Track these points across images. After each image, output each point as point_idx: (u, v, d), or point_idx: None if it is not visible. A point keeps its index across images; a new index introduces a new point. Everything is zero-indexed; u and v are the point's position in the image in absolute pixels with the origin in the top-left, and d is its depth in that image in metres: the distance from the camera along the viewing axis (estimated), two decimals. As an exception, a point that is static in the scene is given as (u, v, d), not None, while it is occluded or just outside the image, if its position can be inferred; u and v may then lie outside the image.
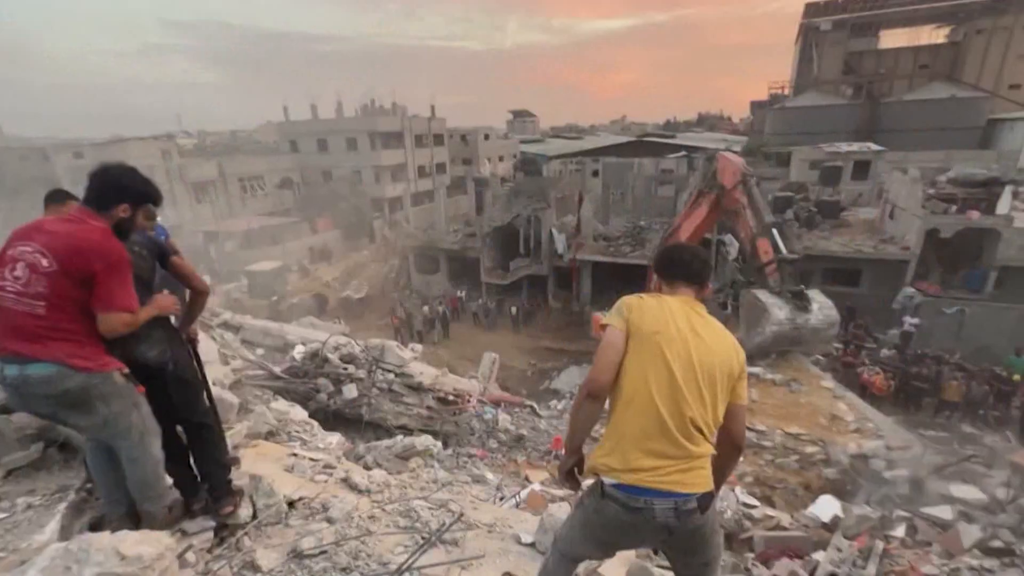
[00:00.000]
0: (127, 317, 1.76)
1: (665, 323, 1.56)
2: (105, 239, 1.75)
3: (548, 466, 6.37)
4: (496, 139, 45.84)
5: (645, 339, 1.54)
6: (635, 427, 1.51)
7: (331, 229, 28.94)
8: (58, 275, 1.68)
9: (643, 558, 2.82)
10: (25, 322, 1.68)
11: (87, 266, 1.69)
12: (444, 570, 2.19)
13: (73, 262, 1.69)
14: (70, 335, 1.72)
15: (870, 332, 14.84)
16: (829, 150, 23.65)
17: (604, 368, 1.55)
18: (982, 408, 11.07)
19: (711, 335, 1.59)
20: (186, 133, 61.89)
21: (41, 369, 1.69)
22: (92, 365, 1.75)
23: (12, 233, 1.81)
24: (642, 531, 1.56)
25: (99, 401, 1.79)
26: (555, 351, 17.55)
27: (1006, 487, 5.64)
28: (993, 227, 14.41)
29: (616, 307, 1.65)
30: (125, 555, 1.15)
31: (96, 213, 1.80)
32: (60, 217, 1.84)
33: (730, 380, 1.57)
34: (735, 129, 65.78)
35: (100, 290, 1.71)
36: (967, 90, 32.23)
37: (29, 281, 1.68)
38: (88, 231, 1.75)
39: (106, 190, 1.82)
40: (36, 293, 1.68)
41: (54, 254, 1.69)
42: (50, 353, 1.69)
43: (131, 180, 1.87)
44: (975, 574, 4.35)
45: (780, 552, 3.53)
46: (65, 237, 1.72)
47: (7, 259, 1.72)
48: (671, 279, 1.74)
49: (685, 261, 1.73)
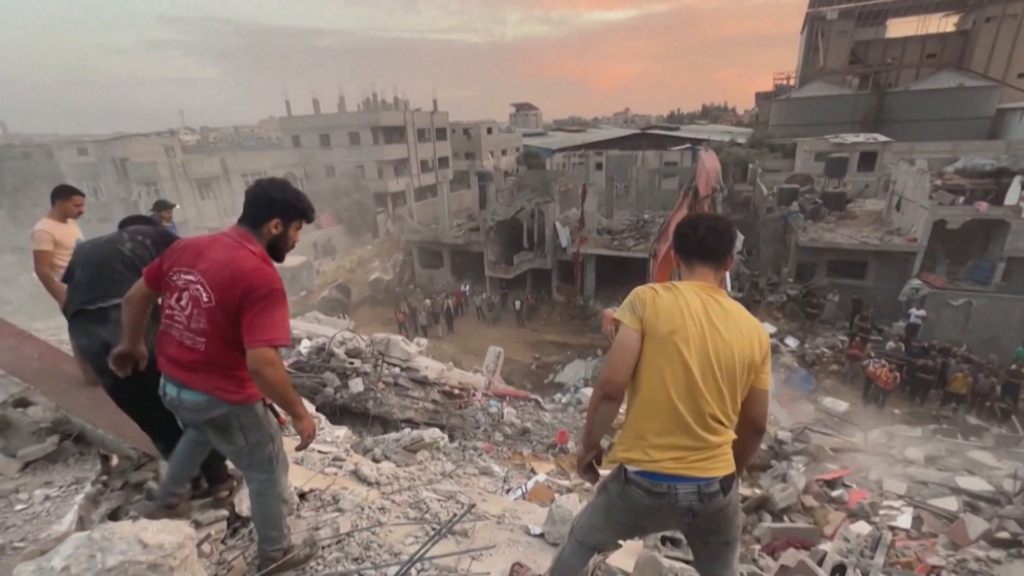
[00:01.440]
0: (271, 354, 1.66)
1: (682, 320, 1.49)
2: (257, 267, 1.72)
3: (554, 459, 6.40)
4: (499, 133, 45.67)
5: (661, 339, 1.48)
6: (655, 424, 1.51)
7: (335, 224, 29.01)
8: (215, 311, 1.70)
9: (651, 548, 2.84)
10: (185, 354, 1.76)
11: (236, 297, 1.68)
12: (454, 560, 2.21)
13: (227, 295, 1.69)
14: (221, 368, 1.77)
15: (875, 324, 14.78)
16: (835, 141, 23.44)
17: (619, 370, 1.52)
18: (989, 400, 11.03)
19: (730, 326, 1.51)
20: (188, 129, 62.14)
21: (193, 396, 1.78)
22: (237, 397, 1.80)
23: (175, 251, 1.82)
24: (666, 514, 1.57)
25: (238, 431, 1.85)
26: (559, 345, 17.57)
27: (1013, 478, 5.62)
28: (1002, 218, 14.28)
29: (629, 302, 1.57)
30: (147, 544, 1.17)
31: (250, 233, 1.79)
32: (217, 241, 1.80)
33: (751, 370, 1.54)
34: (739, 121, 65.28)
35: (246, 322, 1.67)
36: (976, 79, 31.80)
37: (191, 315, 1.73)
38: (241, 258, 1.72)
39: (258, 206, 1.80)
40: (198, 329, 1.73)
41: (212, 288, 1.70)
42: (201, 384, 1.77)
43: (281, 193, 1.82)
44: (981, 565, 4.35)
45: (786, 543, 3.54)
46: (221, 267, 1.71)
47: (175, 287, 1.77)
48: (687, 258, 1.64)
49: (700, 237, 1.60)
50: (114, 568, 1.12)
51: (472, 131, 41.59)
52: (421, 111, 36.41)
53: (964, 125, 29.74)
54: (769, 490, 5.59)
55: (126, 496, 2.44)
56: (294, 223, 1.85)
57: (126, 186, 27.26)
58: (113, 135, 31.13)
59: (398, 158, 33.97)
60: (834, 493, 6.04)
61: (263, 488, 1.96)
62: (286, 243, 1.87)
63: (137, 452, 2.60)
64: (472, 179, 24.75)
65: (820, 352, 14.15)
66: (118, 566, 1.12)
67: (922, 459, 6.90)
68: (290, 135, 35.44)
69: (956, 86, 31.14)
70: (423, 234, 22.27)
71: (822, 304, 15.84)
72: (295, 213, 1.84)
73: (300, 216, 1.86)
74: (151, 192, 26.61)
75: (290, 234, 1.86)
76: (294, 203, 1.83)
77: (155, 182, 26.16)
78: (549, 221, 19.62)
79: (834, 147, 23.13)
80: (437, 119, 37.51)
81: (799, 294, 16.62)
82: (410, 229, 22.78)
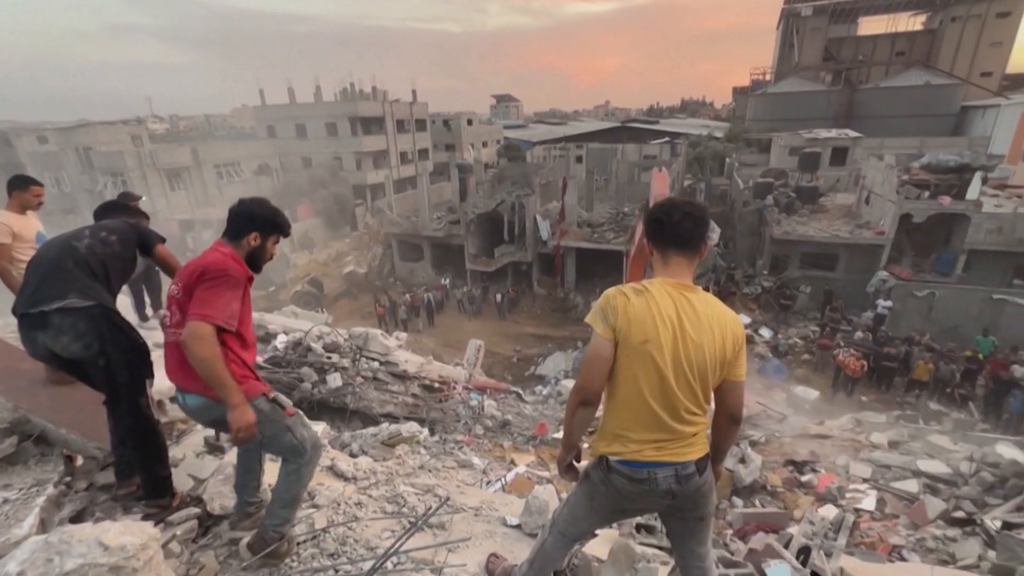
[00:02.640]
0: (204, 329, 1.70)
1: (654, 328, 1.50)
2: (219, 258, 1.83)
3: (534, 450, 6.46)
4: (479, 124, 45.36)
5: (635, 348, 1.51)
6: (632, 423, 1.56)
7: (312, 217, 28.44)
8: (183, 299, 1.81)
9: (626, 536, 2.90)
10: (174, 352, 1.84)
11: (194, 281, 1.78)
12: (431, 553, 2.22)
13: (189, 281, 1.80)
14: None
15: (845, 315, 15.27)
16: (808, 136, 23.98)
17: (595, 378, 1.56)
18: (949, 386, 11.53)
19: (702, 327, 1.53)
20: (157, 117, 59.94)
21: (194, 400, 1.86)
22: None
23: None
24: (647, 498, 1.64)
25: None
26: (540, 337, 17.66)
27: (969, 461, 5.90)
28: (963, 212, 14.86)
29: (600, 309, 1.57)
30: (108, 545, 1.14)
31: (228, 242, 1.92)
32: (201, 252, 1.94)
33: (723, 366, 1.57)
34: (717, 115, 66.16)
35: (195, 299, 1.77)
36: (942, 77, 32.87)
37: (172, 312, 1.87)
38: (207, 255, 1.86)
39: (238, 220, 1.94)
40: (176, 322, 1.84)
41: (181, 280, 1.84)
42: (195, 386, 1.81)
43: (260, 210, 1.96)
44: (938, 543, 4.56)
45: (757, 527, 3.67)
46: (189, 265, 1.85)
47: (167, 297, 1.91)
48: (662, 247, 1.62)
49: (675, 223, 1.58)
50: (73, 571, 1.09)
51: (452, 122, 41.20)
52: (400, 101, 35.87)
53: (930, 122, 30.77)
54: (733, 470, 5.80)
55: (91, 497, 2.37)
56: (271, 237, 1.99)
57: (91, 176, 26.19)
58: (76, 123, 29.81)
59: (377, 149, 33.44)
60: (803, 478, 6.26)
61: (291, 471, 2.01)
62: (264, 255, 2.00)
63: (103, 452, 2.52)
64: (452, 171, 24.53)
65: (793, 342, 14.57)
66: (77, 569, 1.09)
67: (886, 444, 7.18)
68: (265, 125, 34.52)
69: (923, 84, 32.14)
70: (403, 227, 22.04)
71: (795, 296, 16.28)
72: (272, 228, 1.98)
73: (277, 231, 2.00)
74: (118, 183, 25.63)
75: (268, 247, 2.00)
76: (272, 219, 1.97)
77: (122, 172, 25.20)
78: (530, 214, 19.62)
79: (807, 142, 23.67)
80: (417, 110, 37.01)
81: (773, 286, 17.05)
82: (390, 222, 22.52)
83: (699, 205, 1.64)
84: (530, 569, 1.95)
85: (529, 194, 20.09)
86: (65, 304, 2.03)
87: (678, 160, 27.60)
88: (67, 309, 2.04)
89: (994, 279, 14.55)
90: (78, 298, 2.07)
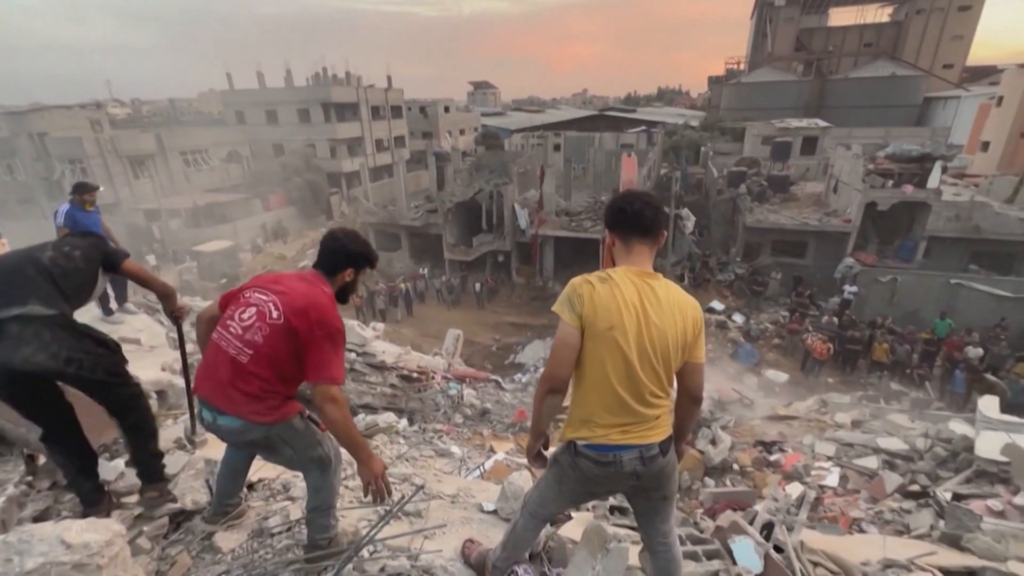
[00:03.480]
0: (334, 391, 1.77)
1: (619, 315, 1.55)
2: (331, 307, 1.85)
3: (513, 437, 6.53)
4: (456, 112, 44.77)
5: (601, 334, 1.56)
6: (599, 408, 1.61)
7: (285, 206, 27.76)
8: (280, 329, 1.75)
9: (600, 518, 2.98)
10: (224, 370, 1.77)
11: (307, 325, 1.75)
12: (407, 540, 2.24)
13: (298, 319, 1.76)
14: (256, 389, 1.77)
15: (814, 300, 15.78)
16: (780, 126, 24.48)
17: (562, 365, 1.60)
18: (908, 367, 12.08)
19: (664, 313, 1.58)
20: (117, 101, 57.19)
21: (229, 422, 1.81)
22: (271, 419, 1.82)
23: (256, 278, 1.94)
24: (613, 480, 1.70)
25: (283, 445, 1.90)
26: (519, 326, 17.74)
27: (924, 437, 6.23)
28: (925, 200, 15.45)
29: (567, 297, 1.61)
30: (71, 543, 1.12)
31: (326, 278, 1.92)
32: (299, 276, 1.92)
33: (684, 349, 1.63)
34: (693, 104, 66.78)
35: (314, 356, 1.76)
36: (906, 69, 33.83)
37: (250, 327, 1.77)
38: (318, 294, 1.84)
39: (334, 257, 1.93)
40: (250, 341, 1.76)
41: (284, 308, 1.77)
42: (235, 410, 1.78)
43: (355, 246, 1.97)
44: (895, 515, 4.83)
45: (725, 506, 3.82)
46: (299, 295, 1.80)
47: (244, 302, 1.83)
48: (625, 235, 1.67)
49: (636, 211, 1.63)
50: (34, 570, 1.06)
51: (429, 109, 40.55)
52: (375, 87, 35.07)
53: (896, 112, 31.73)
54: (704, 451, 6.00)
55: (55, 496, 2.31)
56: (363, 271, 2.03)
57: (47, 164, 24.94)
58: (29, 106, 28.24)
59: (351, 137, 32.71)
60: (772, 458, 6.52)
61: (320, 483, 2.01)
62: (355, 289, 2.05)
63: (66, 450, 2.45)
64: (430, 159, 24.21)
65: (764, 327, 15.00)
66: (38, 568, 1.07)
67: (849, 423, 7.51)
68: (233, 110, 33.32)
69: (889, 75, 33.06)
70: (380, 216, 21.71)
71: (766, 282, 16.73)
72: (366, 263, 2.01)
73: (370, 266, 2.04)
74: (76, 170, 24.47)
75: (359, 280, 2.04)
76: (367, 254, 2.00)
77: (81, 159, 24.04)
78: (508, 203, 19.57)
79: (779, 132, 24.16)
80: (392, 96, 36.26)
81: (746, 273, 17.48)
82: (366, 211, 22.14)
83: (656, 198, 1.70)
84: (503, 551, 2.00)
85: (507, 183, 20.01)
86: (25, 311, 1.87)
87: (654, 149, 27.83)
88: (27, 317, 1.87)
89: (952, 265, 15.23)
90: (40, 305, 1.91)
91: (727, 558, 2.32)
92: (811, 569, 2.31)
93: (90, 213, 4.61)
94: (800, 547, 2.44)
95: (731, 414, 7.95)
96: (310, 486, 2.03)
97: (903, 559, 2.59)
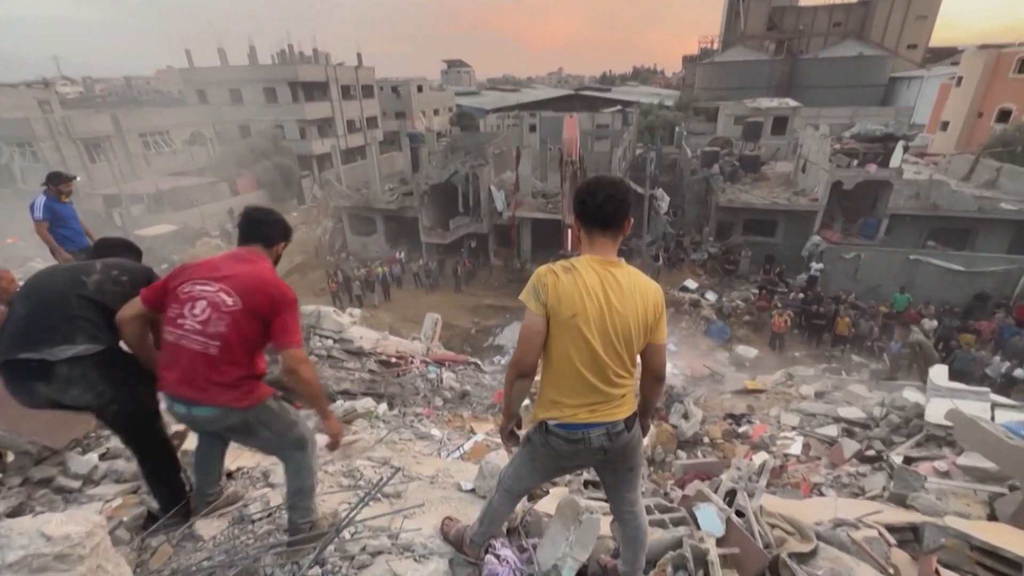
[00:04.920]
0: (302, 353, 1.90)
1: (582, 303, 1.62)
2: (278, 279, 1.93)
3: (493, 419, 6.66)
4: (430, 91, 43.76)
5: (565, 322, 1.63)
6: (567, 390, 1.70)
7: (254, 189, 26.89)
8: (241, 313, 1.80)
9: (575, 492, 3.11)
10: (195, 365, 1.78)
11: (268, 303, 1.83)
12: (387, 520, 2.32)
13: (255, 299, 1.82)
14: (232, 378, 1.82)
15: (783, 278, 16.30)
16: (752, 106, 24.79)
17: (530, 351, 1.68)
18: (869, 340, 12.69)
19: (626, 299, 1.65)
20: (67, 79, 53.91)
21: (205, 411, 1.83)
22: (248, 402, 1.86)
23: (185, 269, 1.89)
24: (582, 455, 1.81)
25: (260, 427, 1.94)
26: (498, 308, 17.84)
27: (880, 406, 6.61)
28: (887, 179, 16.00)
29: (532, 287, 1.67)
30: (51, 536, 1.13)
31: (264, 252, 2.00)
32: (235, 257, 1.94)
33: (646, 332, 1.72)
34: (668, 83, 66.84)
35: (278, 326, 1.85)
36: (873, 49, 34.52)
37: (209, 320, 1.78)
38: (263, 271, 1.91)
39: (273, 228, 2.03)
40: (214, 333, 1.78)
41: (238, 293, 1.81)
42: (212, 399, 1.81)
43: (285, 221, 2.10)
44: (852, 478, 5.16)
45: (694, 476, 4.02)
46: (246, 278, 1.85)
47: (186, 297, 1.81)
48: (587, 227, 1.72)
49: (598, 205, 1.67)
50: (16, 563, 1.08)
51: (402, 89, 39.54)
52: (345, 66, 33.92)
53: (862, 92, 32.48)
54: (677, 425, 6.24)
55: (28, 492, 2.29)
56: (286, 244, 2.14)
57: (-7, 147, 23.51)
58: (-31, 85, 26.43)
59: (321, 117, 31.72)
60: (740, 430, 6.83)
61: (299, 464, 2.06)
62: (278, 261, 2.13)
63: (36, 446, 2.43)
64: (404, 141, 23.71)
65: (735, 305, 15.47)
66: (20, 560, 1.09)
67: (813, 395, 7.90)
68: (194, 89, 31.85)
69: (856, 55, 33.71)
70: (353, 199, 21.27)
71: (738, 260, 17.18)
72: (290, 234, 2.13)
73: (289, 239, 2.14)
74: (25, 154, 23.16)
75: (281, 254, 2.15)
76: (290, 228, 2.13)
77: (31, 142, 22.74)
78: (484, 185, 19.42)
79: (751, 111, 24.48)
80: (363, 75, 35.18)
81: (719, 252, 17.89)
82: (339, 194, 21.65)
83: (622, 185, 1.71)
84: (480, 526, 2.09)
85: (483, 164, 19.82)
86: (77, 352, 1.81)
87: (630, 129, 27.88)
88: (78, 358, 1.81)
89: (912, 241, 15.91)
90: (89, 343, 1.85)
91: (692, 524, 2.47)
92: (769, 531, 2.49)
93: (67, 205, 4.42)
94: (760, 511, 2.61)
95: (703, 389, 8.26)
96: (289, 469, 2.07)
97: (852, 518, 2.80)
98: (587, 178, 1.81)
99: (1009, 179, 16.71)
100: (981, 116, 24.67)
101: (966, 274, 14.02)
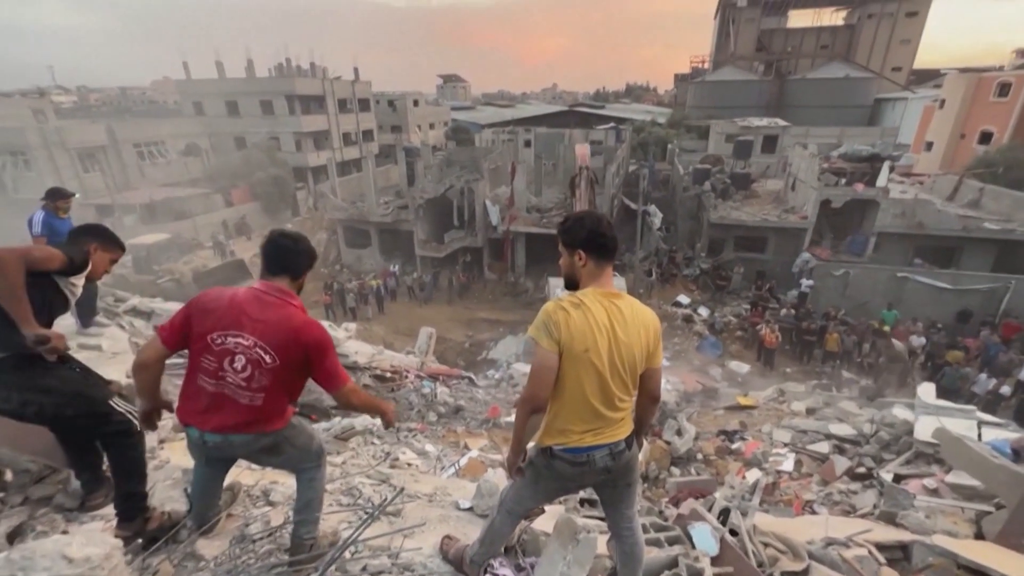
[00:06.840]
0: (351, 384, 1.97)
1: (593, 338, 1.70)
2: (308, 322, 1.89)
3: (487, 433, 6.66)
4: (426, 105, 44.25)
5: (578, 356, 1.70)
6: (575, 418, 1.78)
7: (248, 201, 26.87)
8: (280, 369, 1.82)
9: (571, 511, 3.15)
10: (239, 409, 1.83)
11: (303, 354, 1.84)
12: (387, 540, 2.34)
13: (290, 353, 1.82)
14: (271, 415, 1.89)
15: (774, 294, 16.50)
16: (742, 124, 25.30)
17: (543, 387, 1.73)
18: (858, 356, 12.84)
19: (630, 329, 1.75)
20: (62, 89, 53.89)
21: (242, 438, 1.89)
22: (279, 425, 1.94)
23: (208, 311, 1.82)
24: (586, 476, 1.88)
25: (287, 444, 2.00)
26: (492, 322, 17.84)
27: (870, 423, 6.70)
28: (874, 198, 16.36)
29: (544, 324, 1.71)
30: (73, 558, 1.17)
31: (290, 287, 1.94)
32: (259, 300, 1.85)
33: (646, 358, 1.83)
34: (660, 101, 68.01)
35: (322, 372, 1.88)
36: (859, 70, 35.48)
37: (252, 376, 1.81)
38: (292, 316, 1.86)
39: (300, 258, 1.97)
40: (258, 387, 1.82)
41: (274, 349, 1.81)
42: (252, 431, 1.89)
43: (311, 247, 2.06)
44: (843, 496, 5.22)
45: (688, 494, 4.06)
46: (277, 329, 1.81)
47: (221, 349, 1.80)
48: (599, 258, 1.80)
49: (609, 238, 1.80)
50: (37, 585, 1.12)
51: (398, 102, 39.92)
52: (341, 79, 34.26)
53: (849, 112, 33.29)
54: (671, 441, 6.28)
55: (30, 512, 2.29)
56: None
57: (-14, 156, 23.36)
58: (-37, 94, 26.32)
59: (317, 130, 31.92)
60: (733, 446, 6.88)
61: (314, 475, 2.11)
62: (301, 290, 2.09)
63: (37, 465, 2.43)
64: (399, 155, 23.88)
65: (728, 320, 15.60)
66: (42, 583, 1.12)
67: (804, 411, 7.98)
68: (190, 101, 31.95)
69: (843, 76, 34.61)
70: (348, 212, 21.32)
71: (730, 276, 17.38)
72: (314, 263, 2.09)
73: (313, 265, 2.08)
74: (18, 163, 23.04)
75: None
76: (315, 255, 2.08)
77: (24, 152, 22.64)
78: (479, 199, 19.58)
79: (741, 130, 24.98)
80: (359, 88, 35.52)
81: (710, 267, 18.09)
82: (334, 206, 21.71)
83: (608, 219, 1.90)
84: (481, 546, 2.13)
85: (478, 179, 20.01)
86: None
87: (623, 146, 28.30)
88: None
89: (899, 259, 16.21)
90: None
91: (687, 543, 2.52)
92: (762, 549, 2.54)
93: (65, 220, 4.43)
94: (753, 530, 2.67)
95: (695, 405, 8.32)
96: (303, 482, 2.10)
97: (843, 537, 2.86)
98: (581, 214, 1.90)
99: (992, 199, 17.14)
100: (964, 137, 25.37)
101: (952, 291, 14.29)
